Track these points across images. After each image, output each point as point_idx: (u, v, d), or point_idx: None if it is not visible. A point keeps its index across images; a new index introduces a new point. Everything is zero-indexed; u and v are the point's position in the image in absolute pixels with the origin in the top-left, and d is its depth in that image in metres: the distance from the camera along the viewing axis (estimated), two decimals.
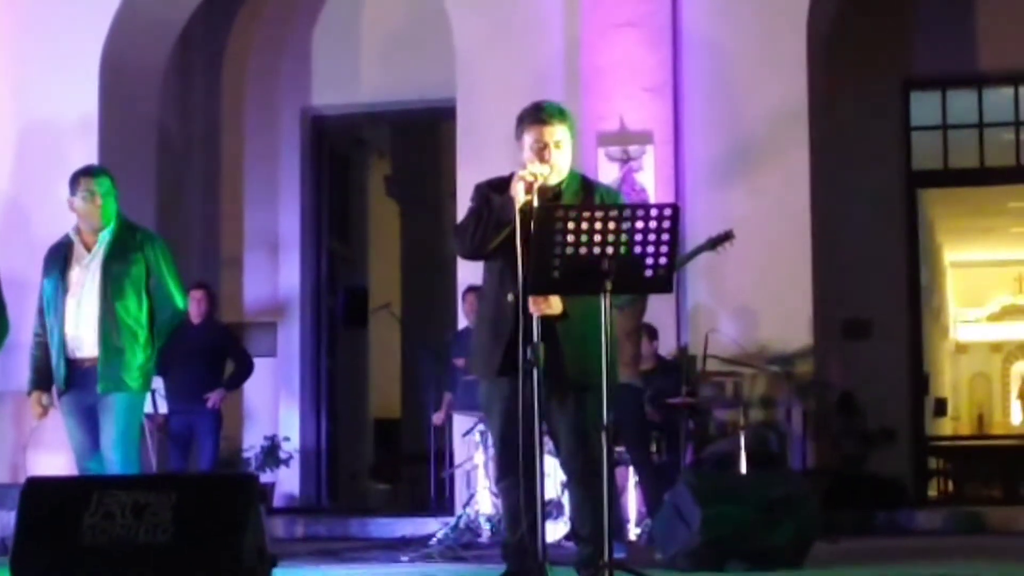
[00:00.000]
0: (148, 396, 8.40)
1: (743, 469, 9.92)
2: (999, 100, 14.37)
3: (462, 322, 11.42)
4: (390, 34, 14.90)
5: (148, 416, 8.80)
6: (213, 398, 12.02)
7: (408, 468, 15.64)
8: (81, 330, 7.89)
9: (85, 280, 7.91)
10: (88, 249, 7.98)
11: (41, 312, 8.10)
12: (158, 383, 9.97)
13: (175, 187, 14.34)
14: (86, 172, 8.19)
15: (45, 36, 13.04)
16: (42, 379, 8.06)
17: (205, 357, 11.99)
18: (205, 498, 4.78)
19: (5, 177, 12.70)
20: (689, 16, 12.04)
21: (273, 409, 13.58)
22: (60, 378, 7.95)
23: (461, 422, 11.53)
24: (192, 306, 11.04)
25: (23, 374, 8.56)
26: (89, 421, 7.93)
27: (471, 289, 11.29)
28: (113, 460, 7.80)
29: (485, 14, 12.46)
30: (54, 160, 12.17)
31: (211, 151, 15.33)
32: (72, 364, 7.90)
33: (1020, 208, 19.43)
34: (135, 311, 7.90)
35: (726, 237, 10.21)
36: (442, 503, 12.58)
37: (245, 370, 12.50)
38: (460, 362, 10.60)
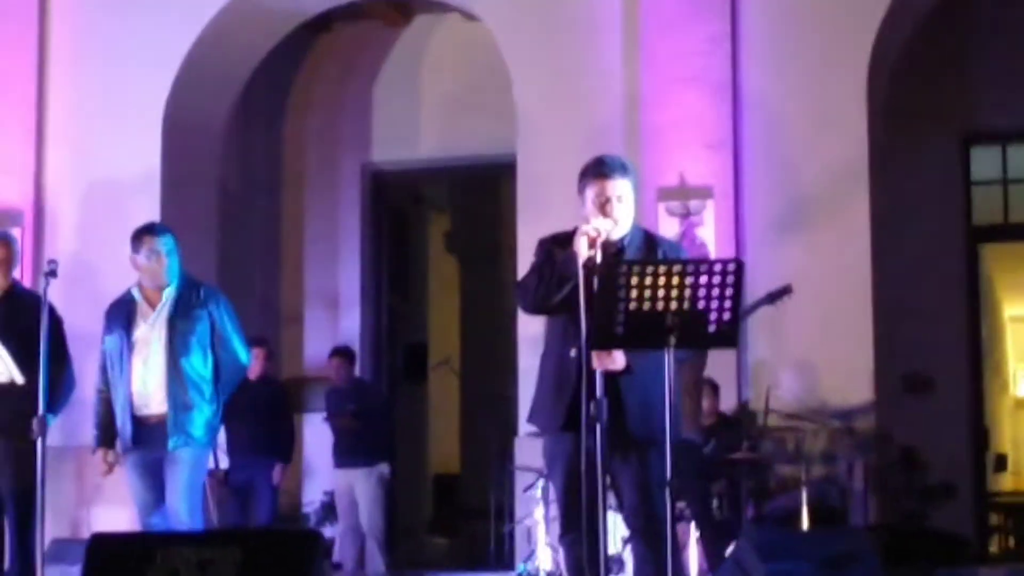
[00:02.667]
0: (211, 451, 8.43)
1: (805, 525, 9.88)
2: None
3: (523, 378, 11.35)
4: (449, 90, 14.99)
5: (209, 471, 8.80)
6: (275, 475, 12.33)
7: (467, 523, 15.62)
8: (148, 387, 7.90)
9: (151, 338, 7.93)
10: (152, 306, 8.00)
11: (103, 368, 8.11)
12: (220, 438, 9.99)
13: (236, 244, 14.39)
14: (149, 230, 8.21)
15: (108, 93, 13.13)
16: (107, 436, 8.06)
17: (262, 414, 12.07)
18: (270, 554, 4.79)
19: (69, 232, 12.78)
20: (748, 72, 12.03)
21: (332, 464, 13.56)
22: (127, 436, 7.94)
23: (522, 477, 11.48)
24: (255, 363, 11.11)
25: (85, 429, 8.60)
26: (153, 477, 7.94)
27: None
28: (179, 514, 7.81)
29: (545, 69, 12.50)
30: (117, 216, 12.22)
31: (271, 208, 15.41)
32: (139, 421, 7.90)
33: None
34: (200, 367, 7.92)
35: (785, 291, 10.19)
36: (501, 559, 12.56)
37: (289, 438, 12.72)
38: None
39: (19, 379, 7.86)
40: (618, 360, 6.38)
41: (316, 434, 13.18)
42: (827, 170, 11.95)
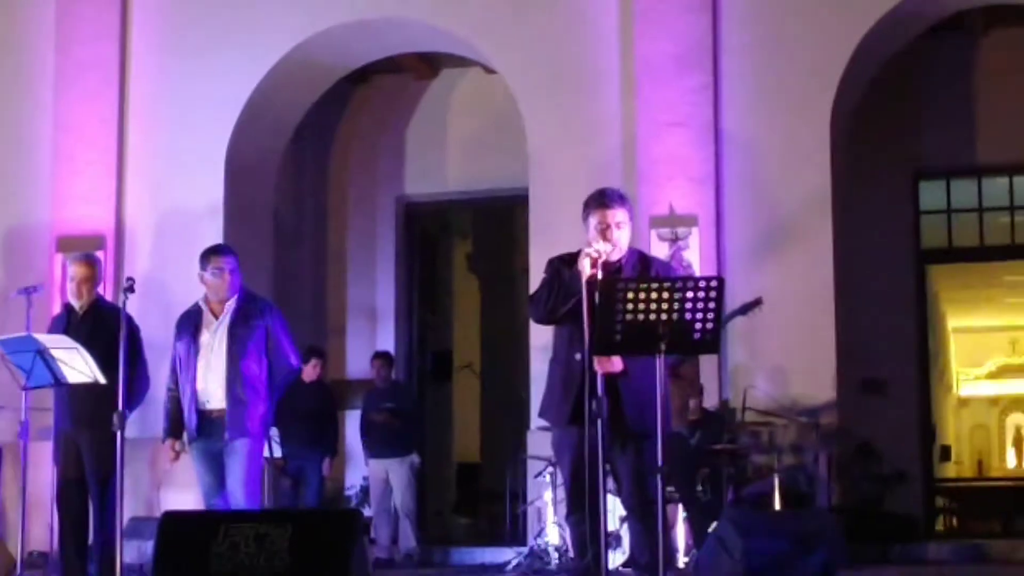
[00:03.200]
0: (266, 442, 8.43)
1: (777, 506, 9.84)
2: (996, 187, 14.32)
3: (535, 380, 11.31)
4: (471, 133, 14.98)
5: (267, 459, 8.80)
6: (324, 467, 12.45)
7: (486, 505, 15.58)
8: (210, 386, 7.94)
9: (214, 343, 7.98)
10: (216, 316, 8.05)
11: (174, 370, 8.15)
12: (274, 431, 10.00)
13: (288, 264, 14.42)
14: (215, 251, 8.28)
15: (178, 135, 13.15)
16: (175, 428, 8.10)
17: (313, 414, 12.23)
18: (317, 530, 4.79)
19: (145, 255, 12.80)
20: (729, 116, 12.04)
21: (366, 454, 13.54)
22: (192, 428, 7.98)
23: (534, 465, 11.46)
24: (308, 370, 11.17)
25: (156, 423, 8.61)
26: (215, 464, 7.97)
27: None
28: (237, 496, 7.85)
29: (553, 114, 12.49)
30: (185, 241, 12.23)
31: (319, 233, 15.41)
32: (202, 415, 7.94)
33: (1014, 281, 19.37)
34: (256, 369, 7.95)
35: (755, 303, 10.37)
36: (516, 535, 12.50)
37: (335, 435, 12.82)
38: None
39: (101, 380, 7.87)
40: (616, 364, 6.45)
41: (357, 429, 13.19)
42: (796, 201, 11.94)
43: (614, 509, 7.40)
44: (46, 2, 13.52)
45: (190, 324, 8.15)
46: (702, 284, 6.26)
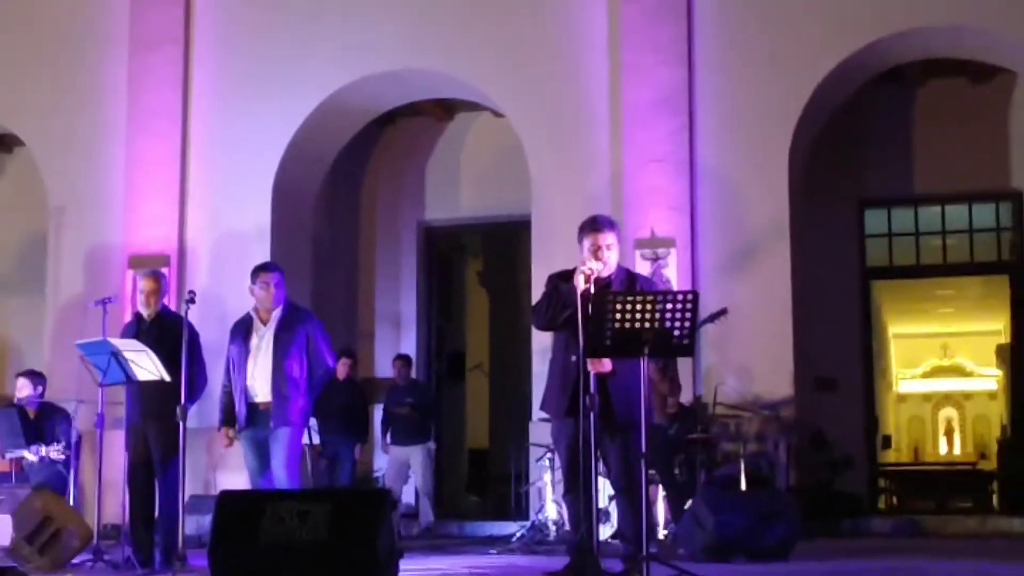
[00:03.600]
0: (306, 431, 8.45)
1: (743, 487, 9.83)
2: (930, 215, 14.31)
3: (536, 378, 11.29)
4: (481, 167, 14.99)
5: (306, 445, 8.80)
6: (356, 452, 12.53)
7: (494, 485, 15.55)
8: (258, 382, 8.01)
9: (261, 346, 8.06)
10: (264, 323, 8.14)
11: (228, 370, 8.24)
12: (313, 421, 10.00)
13: (325, 278, 14.40)
14: (263, 268, 8.36)
15: (231, 168, 13.17)
16: (229, 418, 8.17)
17: (347, 406, 12.24)
18: (352, 507, 4.78)
19: (203, 271, 12.81)
20: (701, 154, 12.03)
21: (385, 441, 13.53)
22: (242, 417, 8.05)
23: (535, 451, 11.44)
24: (341, 368, 11.19)
25: (213, 415, 8.63)
26: (261, 449, 8.05)
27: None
28: (281, 478, 7.92)
29: (552, 152, 12.49)
30: (238, 259, 12.23)
31: (351, 252, 15.40)
32: (251, 407, 8.03)
33: (945, 295, 19.39)
34: (297, 368, 8.01)
35: (721, 313, 10.37)
36: (520, 511, 12.48)
37: (365, 425, 12.85)
38: None
39: (166, 378, 7.88)
40: (606, 365, 6.52)
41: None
42: (758, 226, 11.92)
43: (604, 489, 7.40)
44: (120, 59, 13.55)
45: (242, 330, 8.23)
46: (679, 297, 6.37)
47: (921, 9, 11.92)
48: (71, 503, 9.67)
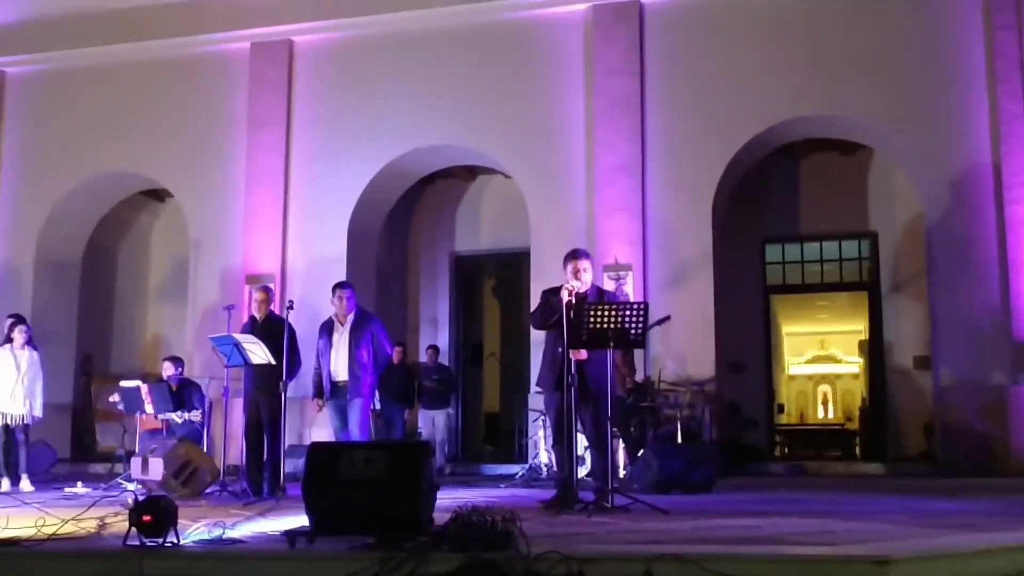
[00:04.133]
0: (372, 400, 8.52)
1: (679, 440, 9.81)
2: (811, 248, 14.36)
3: (533, 363, 11.26)
4: (495, 213, 15.01)
5: (372, 410, 8.83)
6: (405, 415, 12.55)
7: (503, 438, 15.53)
8: (338, 366, 8.15)
9: (340, 341, 8.20)
10: (341, 324, 8.29)
11: (317, 356, 8.36)
12: (376, 393, 10.01)
13: (384, 290, 14.38)
14: (339, 285, 8.50)
15: (320, 212, 13.20)
16: (319, 391, 8.28)
17: (400, 382, 12.20)
18: (403, 453, 4.77)
19: (299, 286, 12.79)
20: (650, 204, 12.04)
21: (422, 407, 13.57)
22: (327, 391, 8.17)
23: (532, 414, 11.45)
24: (395, 355, 11.16)
25: (306, 388, 8.70)
26: (341, 413, 8.14)
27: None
28: (355, 433, 8.02)
29: (545, 203, 12.50)
30: (322, 277, 12.25)
31: (403, 272, 15.43)
32: (334, 384, 8.17)
33: (822, 305, 19.40)
34: (365, 356, 8.13)
35: (665, 319, 10.40)
36: (522, 457, 12.46)
37: (412, 395, 12.73)
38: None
39: (272, 362, 7.91)
40: (583, 354, 6.59)
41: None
42: (691, 256, 11.94)
43: (581, 442, 7.38)
44: (241, 133, 13.60)
45: (327, 329, 8.35)
46: (634, 307, 6.42)
47: (804, 103, 11.96)
48: (204, 450, 9.69)
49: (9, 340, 9.98)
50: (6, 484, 9.61)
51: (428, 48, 13.06)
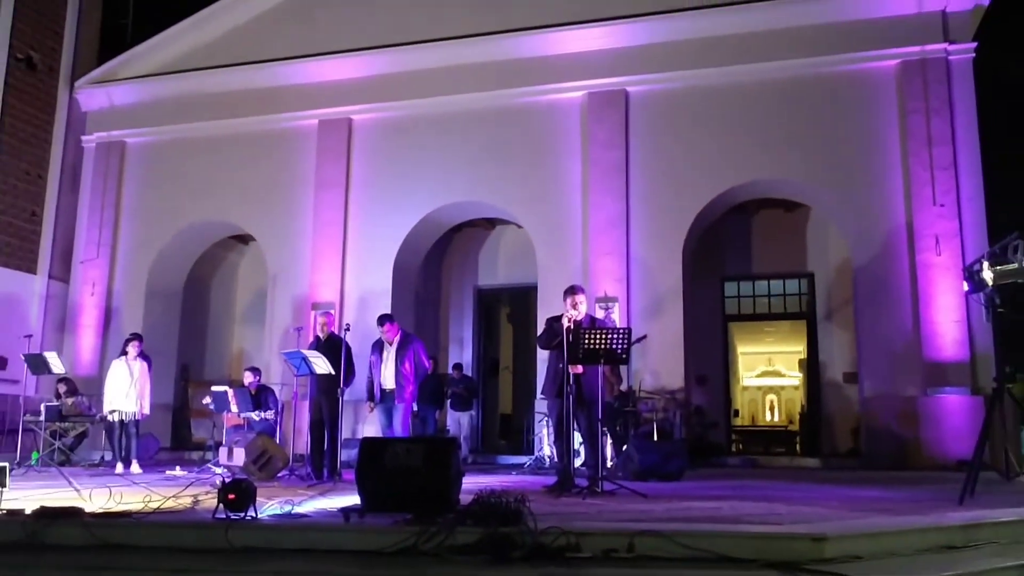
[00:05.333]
0: (412, 404, 8.51)
1: (655, 438, 9.76)
2: (760, 285, 14.28)
3: (539, 375, 11.23)
4: (510, 255, 14.99)
5: (412, 412, 8.82)
6: (436, 415, 12.30)
7: (514, 435, 15.44)
8: (386, 376, 8.17)
9: (388, 357, 8.23)
10: (389, 344, 8.30)
11: (369, 369, 8.39)
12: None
13: (421, 316, 14.39)
14: (380, 320, 8.49)
15: (370, 253, 13.22)
16: (370, 396, 8.29)
17: (434, 390, 12.02)
18: (435, 446, 4.75)
19: (353, 311, 12.78)
20: (633, 249, 12.05)
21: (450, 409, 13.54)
22: (376, 396, 8.17)
23: (538, 416, 11.40)
24: (430, 366, 11.11)
25: (360, 393, 8.69)
26: (387, 414, 8.14)
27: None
28: (398, 431, 7.99)
29: (550, 248, 12.50)
30: (372, 304, 12.34)
31: (436, 302, 15.39)
32: (382, 391, 8.21)
33: (769, 330, 19.27)
34: (408, 369, 8.13)
35: (643, 338, 10.30)
36: (529, 449, 12.40)
37: (442, 399, 12.59)
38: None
39: (332, 372, 7.90)
40: (579, 369, 6.62)
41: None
42: (665, 291, 11.92)
43: (577, 439, 7.37)
44: (310, 192, 13.68)
45: (378, 347, 8.37)
46: (620, 331, 6.43)
47: (755, 170, 11.97)
48: (277, 442, 9.68)
49: (124, 353, 10.02)
50: (120, 467, 9.62)
51: (457, 125, 13.16)
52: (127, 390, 9.81)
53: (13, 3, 14.30)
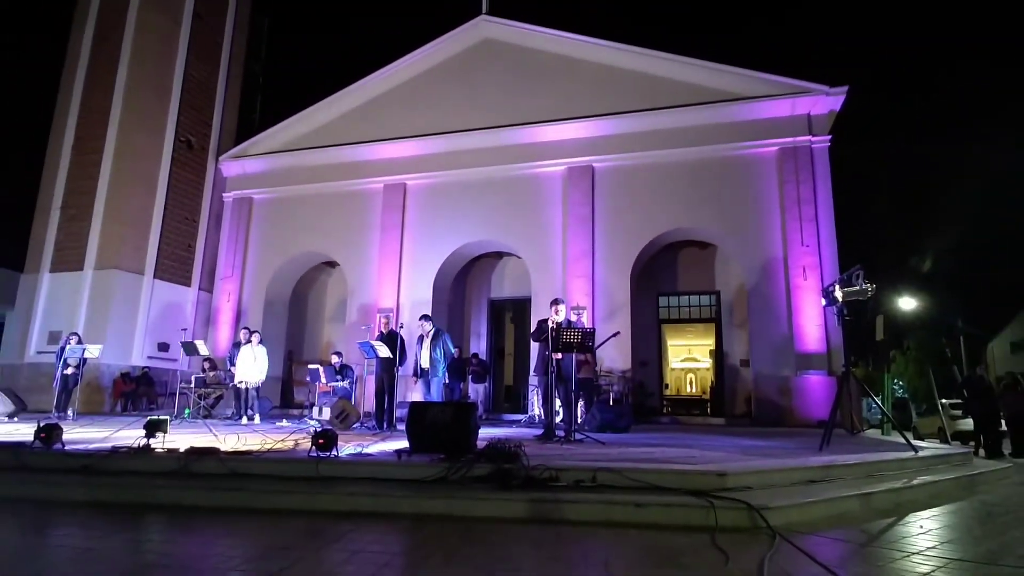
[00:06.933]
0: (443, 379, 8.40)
1: (611, 403, 9.68)
2: (684, 299, 14.11)
3: (531, 359, 11.11)
4: (513, 277, 14.85)
5: (444, 384, 8.75)
6: (461, 386, 11.93)
7: (514, 399, 15.29)
8: (423, 358, 7.93)
9: (425, 344, 7.98)
10: (426, 336, 8.05)
11: (415, 355, 8.12)
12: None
13: (451, 318, 14.26)
14: (424, 317, 8.27)
15: (417, 274, 13.16)
16: (416, 373, 8.04)
17: (459, 368, 11.79)
18: (460, 408, 4.72)
19: (407, 313, 12.72)
20: (597, 273, 11.99)
21: (471, 381, 13.37)
22: (419, 372, 7.94)
23: (531, 387, 11.27)
24: (456, 353, 11.00)
25: (409, 371, 8.55)
26: (427, 385, 7.91)
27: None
28: (435, 397, 7.78)
29: (540, 272, 12.42)
30: (419, 309, 12.27)
31: (462, 308, 15.22)
32: (422, 369, 7.93)
33: (689, 331, 19.05)
34: (439, 353, 7.90)
35: (616, 334, 10.23)
36: (525, 410, 12.30)
37: (464, 375, 12.35)
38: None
39: (391, 356, 7.84)
40: (559, 355, 6.37)
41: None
42: (617, 303, 11.85)
43: (556, 403, 7.31)
44: (376, 232, 13.65)
45: (420, 339, 8.16)
46: (587, 330, 6.28)
47: (679, 221, 11.95)
48: (353, 403, 9.62)
49: (249, 341, 10.01)
50: (244, 420, 9.58)
51: (477, 188, 13.18)
52: (251, 365, 9.78)
53: (179, 103, 14.45)
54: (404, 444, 4.82)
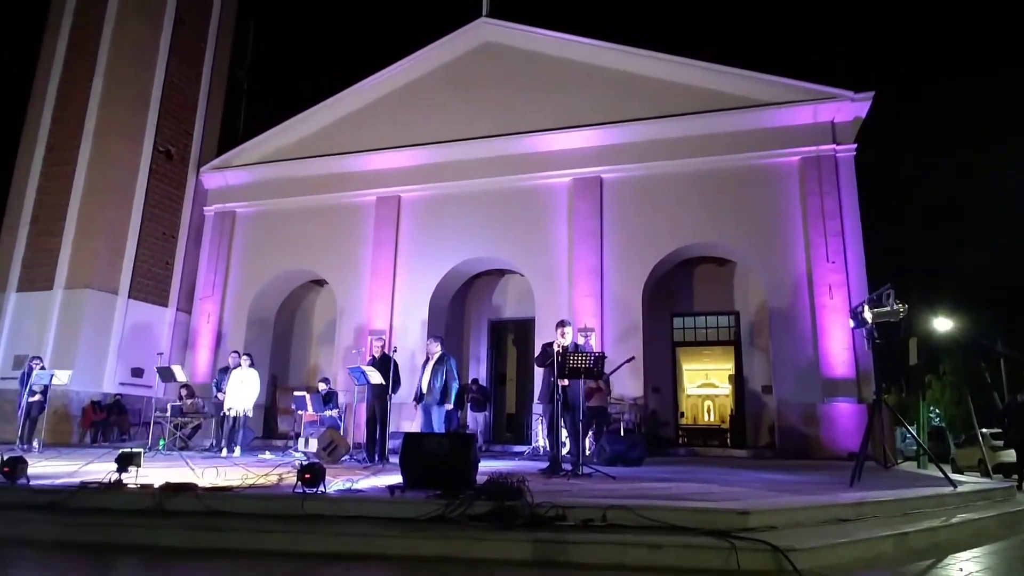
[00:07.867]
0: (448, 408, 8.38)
1: (622, 433, 9.64)
2: (700, 319, 14.13)
3: (535, 386, 11.11)
4: (515, 297, 14.90)
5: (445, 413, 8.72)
6: (459, 415, 11.98)
7: (517, 429, 15.25)
8: (424, 384, 7.86)
9: (427, 368, 7.92)
10: (429, 359, 7.98)
11: (418, 377, 8.07)
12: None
13: (450, 340, 14.20)
14: (434, 337, 8.23)
15: (413, 293, 13.18)
16: (416, 399, 7.98)
17: (459, 396, 11.73)
18: (459, 439, 4.70)
19: (401, 336, 12.75)
20: (606, 291, 12.02)
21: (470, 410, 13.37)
22: (417, 398, 7.89)
23: (535, 416, 11.24)
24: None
25: (405, 397, 8.52)
26: (427, 415, 7.85)
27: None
28: (435, 427, 7.73)
29: (544, 290, 12.46)
30: (414, 331, 12.28)
31: (462, 329, 15.24)
32: (422, 394, 7.87)
33: (707, 353, 18.94)
34: (440, 381, 7.86)
35: (631, 359, 10.28)
36: (528, 440, 12.25)
37: (463, 403, 12.34)
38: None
39: (383, 383, 7.82)
40: (566, 382, 6.39)
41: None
42: (629, 324, 11.87)
43: (563, 434, 7.28)
44: (368, 248, 13.72)
45: (424, 364, 8.11)
46: (596, 354, 6.27)
47: (697, 235, 12.00)
48: (342, 434, 9.58)
49: (238, 365, 9.96)
50: (224, 452, 9.53)
51: (477, 201, 13.26)
52: (239, 390, 9.73)
53: (158, 112, 14.58)
54: (397, 479, 4.79)
